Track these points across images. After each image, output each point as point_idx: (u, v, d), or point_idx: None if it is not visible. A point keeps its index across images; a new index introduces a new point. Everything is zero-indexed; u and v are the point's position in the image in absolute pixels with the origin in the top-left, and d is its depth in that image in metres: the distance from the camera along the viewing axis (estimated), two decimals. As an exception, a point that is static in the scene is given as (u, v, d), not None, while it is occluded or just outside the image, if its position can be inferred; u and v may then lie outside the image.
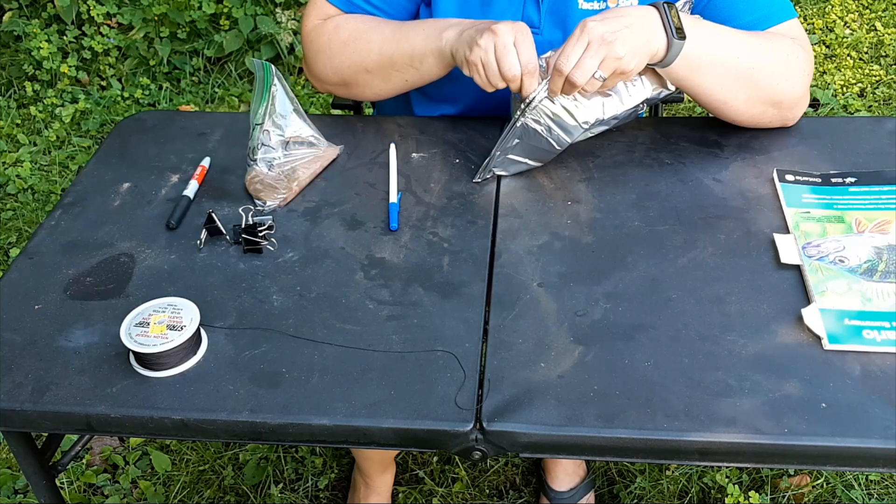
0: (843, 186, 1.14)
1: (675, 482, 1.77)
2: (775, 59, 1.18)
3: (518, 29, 1.11)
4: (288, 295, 1.04)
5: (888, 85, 2.93)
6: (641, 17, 1.10)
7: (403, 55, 1.23)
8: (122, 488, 1.82)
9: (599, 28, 1.06)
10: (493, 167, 1.20)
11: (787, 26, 1.22)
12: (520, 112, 1.14)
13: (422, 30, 1.22)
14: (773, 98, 1.20)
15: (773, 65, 1.18)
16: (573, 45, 1.07)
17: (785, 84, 1.19)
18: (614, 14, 1.09)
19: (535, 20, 1.25)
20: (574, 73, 1.07)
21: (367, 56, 1.25)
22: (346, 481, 1.81)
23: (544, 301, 1.01)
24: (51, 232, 1.16)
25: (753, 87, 1.18)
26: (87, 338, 0.99)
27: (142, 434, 0.94)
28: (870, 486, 1.75)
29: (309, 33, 1.30)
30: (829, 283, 0.99)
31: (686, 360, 0.93)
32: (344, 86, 1.31)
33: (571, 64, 1.07)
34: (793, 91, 1.20)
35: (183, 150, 1.30)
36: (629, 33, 1.07)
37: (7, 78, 3.06)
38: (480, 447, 0.89)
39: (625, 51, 1.06)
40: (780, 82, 1.19)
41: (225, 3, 3.03)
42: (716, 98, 1.19)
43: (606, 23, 1.07)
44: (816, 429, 0.85)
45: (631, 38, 1.07)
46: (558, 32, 1.26)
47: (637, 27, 1.08)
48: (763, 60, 1.17)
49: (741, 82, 1.17)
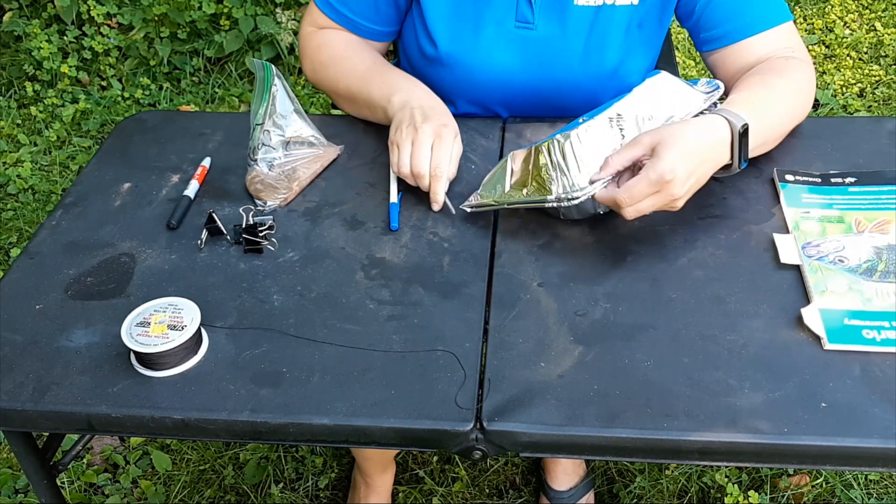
0: (843, 186, 1.15)
1: (675, 482, 1.77)
2: (802, 100, 1.22)
3: (440, 135, 1.14)
4: (288, 295, 1.04)
5: (888, 85, 2.93)
6: (716, 152, 1.05)
7: (363, 98, 1.30)
8: (123, 488, 1.82)
9: (676, 181, 1.00)
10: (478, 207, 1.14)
11: (785, 30, 1.24)
12: (551, 201, 1.07)
13: (381, 81, 1.27)
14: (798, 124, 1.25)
15: (802, 106, 1.22)
16: (642, 188, 1.00)
17: (805, 111, 1.24)
18: (692, 148, 1.02)
19: (529, 16, 1.25)
20: (628, 209, 1.02)
21: (338, 84, 1.33)
22: (346, 481, 1.81)
23: (544, 301, 1.02)
24: (52, 232, 1.16)
25: (785, 133, 1.22)
26: (87, 338, 0.99)
27: (142, 434, 0.94)
28: (869, 486, 1.75)
29: (303, 38, 1.38)
30: (829, 283, 0.99)
31: (686, 360, 0.93)
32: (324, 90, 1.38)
33: (631, 202, 1.02)
34: (808, 110, 1.24)
35: (183, 150, 1.30)
36: (696, 184, 1.04)
37: (7, 78, 3.06)
38: (481, 447, 0.89)
39: (683, 202, 1.04)
40: (805, 113, 1.24)
41: (225, 4, 3.03)
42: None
43: (683, 169, 1.00)
44: (816, 428, 0.85)
45: (696, 187, 1.04)
46: (554, 28, 1.25)
47: (706, 170, 1.05)
48: (795, 111, 1.21)
49: (781, 136, 1.21)
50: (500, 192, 1.11)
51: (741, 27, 1.23)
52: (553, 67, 1.27)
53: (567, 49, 1.26)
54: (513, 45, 1.27)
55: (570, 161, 1.05)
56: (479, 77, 1.30)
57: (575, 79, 1.28)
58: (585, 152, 1.05)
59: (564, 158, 1.05)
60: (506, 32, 1.26)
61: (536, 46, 1.26)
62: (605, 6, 1.23)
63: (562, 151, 1.05)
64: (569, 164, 1.05)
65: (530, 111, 1.33)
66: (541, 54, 1.27)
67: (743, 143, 1.06)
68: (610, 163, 1.05)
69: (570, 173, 1.05)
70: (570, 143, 1.05)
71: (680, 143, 1.01)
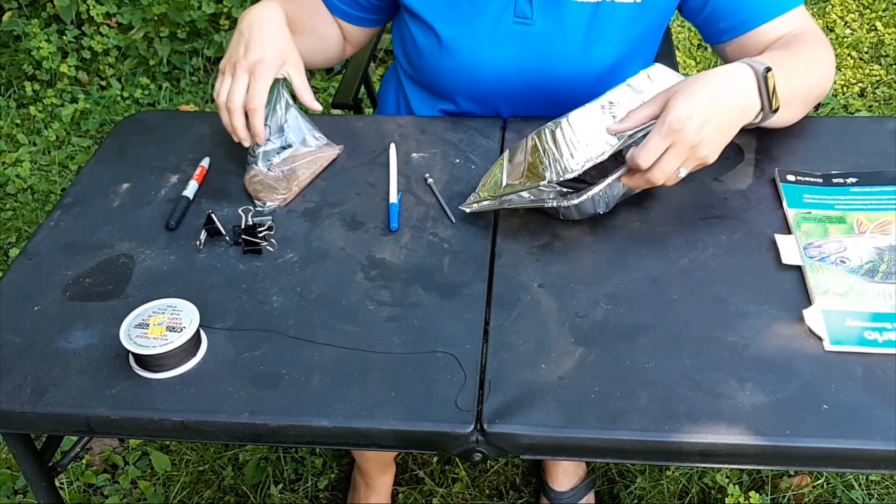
0: (845, 187, 1.14)
1: (676, 482, 1.77)
2: (824, 67, 1.20)
3: (254, 72, 1.13)
4: (288, 296, 1.03)
5: (888, 85, 2.93)
6: (737, 98, 1.02)
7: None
8: (122, 488, 1.82)
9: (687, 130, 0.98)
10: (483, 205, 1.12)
11: (798, 14, 1.23)
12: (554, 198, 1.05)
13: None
14: (820, 100, 1.24)
15: (824, 74, 1.20)
16: (655, 142, 0.98)
17: (829, 85, 1.22)
18: (704, 96, 0.99)
19: (528, 11, 1.25)
20: (653, 172, 1.00)
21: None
22: (345, 481, 1.81)
23: (545, 302, 1.01)
24: (50, 232, 1.15)
25: (812, 102, 1.21)
26: (86, 339, 0.99)
27: (141, 435, 0.93)
28: (870, 487, 1.74)
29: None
30: (831, 284, 0.99)
31: (687, 362, 0.93)
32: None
33: (650, 161, 0.99)
34: (830, 85, 1.22)
35: (182, 151, 1.30)
36: (717, 132, 1.00)
37: (7, 78, 3.05)
38: (481, 449, 0.89)
39: (708, 150, 1.00)
40: (828, 82, 1.21)
41: (225, 3, 3.03)
42: (782, 123, 1.21)
43: (693, 116, 0.98)
44: (818, 430, 0.85)
45: (718, 137, 1.01)
46: (553, 24, 1.25)
47: (729, 118, 1.01)
48: (817, 79, 1.18)
49: (806, 101, 1.20)
50: (497, 186, 1.10)
51: (756, 15, 1.22)
52: (552, 63, 1.27)
53: (566, 45, 1.26)
54: (511, 41, 1.27)
55: (561, 146, 1.04)
56: (477, 73, 1.30)
57: (574, 74, 1.28)
58: (576, 137, 1.04)
59: (556, 143, 1.04)
60: (504, 28, 1.26)
61: (535, 42, 1.26)
62: (604, 3, 1.23)
63: (553, 137, 1.05)
64: (560, 150, 1.04)
65: (530, 106, 1.32)
66: (539, 50, 1.27)
67: (768, 87, 1.03)
68: (631, 117, 1.03)
69: (562, 159, 1.03)
70: (561, 129, 1.04)
71: (691, 90, 0.99)
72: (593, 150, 1.03)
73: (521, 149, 1.10)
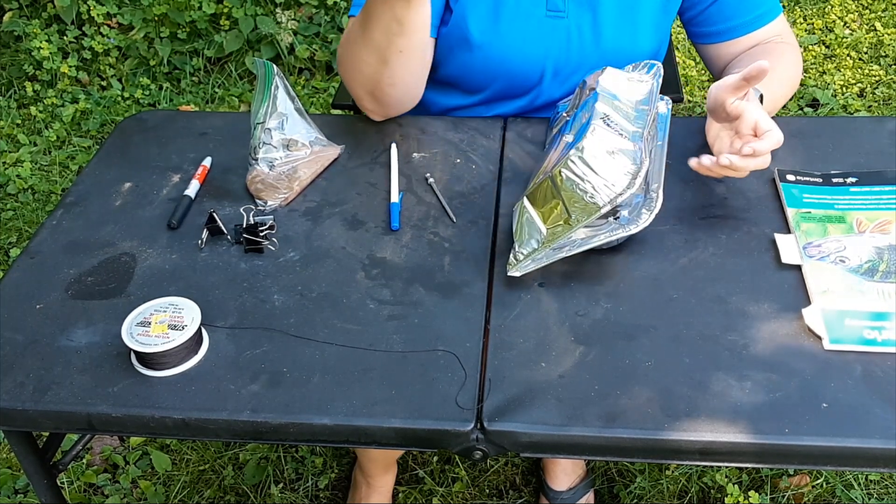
0: (844, 186, 1.14)
1: (675, 482, 1.77)
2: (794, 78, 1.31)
3: None
4: (289, 295, 1.04)
5: (888, 85, 2.93)
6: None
7: (371, 22, 1.13)
8: (123, 488, 1.82)
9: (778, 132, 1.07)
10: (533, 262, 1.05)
11: (778, 23, 1.33)
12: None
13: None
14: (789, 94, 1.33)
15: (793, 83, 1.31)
16: (771, 144, 1.06)
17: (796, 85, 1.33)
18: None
19: (560, 4, 1.26)
20: (757, 160, 1.06)
21: (353, 36, 1.18)
22: (346, 481, 1.81)
23: (545, 301, 1.01)
24: (52, 231, 1.16)
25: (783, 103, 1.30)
26: (88, 337, 0.99)
27: (143, 433, 0.94)
28: (869, 486, 1.75)
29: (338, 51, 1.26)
30: (830, 283, 0.99)
31: (687, 360, 0.93)
32: (371, 96, 1.26)
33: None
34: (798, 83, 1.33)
35: (184, 150, 1.30)
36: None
37: (7, 78, 3.06)
38: (481, 447, 0.89)
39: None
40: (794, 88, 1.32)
41: (225, 3, 3.03)
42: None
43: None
44: (817, 429, 0.85)
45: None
46: (586, 14, 1.27)
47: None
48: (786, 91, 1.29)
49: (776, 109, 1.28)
50: (541, 237, 1.03)
51: (744, 24, 1.30)
52: (585, 54, 1.29)
53: (598, 36, 1.28)
54: (544, 34, 1.28)
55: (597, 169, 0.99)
56: (512, 66, 1.31)
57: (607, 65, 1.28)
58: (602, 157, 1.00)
59: (590, 168, 0.99)
60: (537, 21, 1.27)
61: (568, 34, 1.27)
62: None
63: (583, 163, 1.00)
64: (598, 172, 0.99)
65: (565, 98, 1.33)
66: (571, 41, 1.28)
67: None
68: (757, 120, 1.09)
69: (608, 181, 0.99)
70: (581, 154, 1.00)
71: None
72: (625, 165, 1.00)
73: (543, 191, 1.04)
